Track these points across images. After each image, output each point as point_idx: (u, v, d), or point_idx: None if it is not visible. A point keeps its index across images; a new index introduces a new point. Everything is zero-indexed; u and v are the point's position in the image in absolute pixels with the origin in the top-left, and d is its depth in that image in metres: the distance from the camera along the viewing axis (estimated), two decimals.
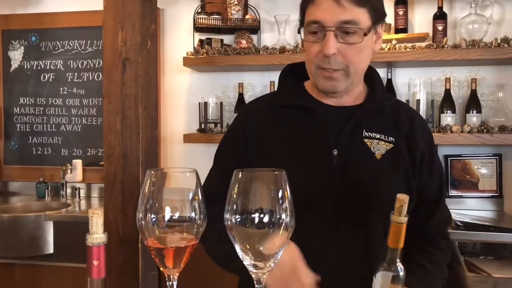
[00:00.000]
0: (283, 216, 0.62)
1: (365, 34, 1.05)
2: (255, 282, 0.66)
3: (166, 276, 0.66)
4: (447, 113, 2.55)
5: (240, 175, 0.63)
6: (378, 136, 1.11)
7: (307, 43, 1.09)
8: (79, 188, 3.00)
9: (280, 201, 0.62)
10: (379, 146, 1.10)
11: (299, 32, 1.14)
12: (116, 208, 2.06)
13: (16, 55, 3.22)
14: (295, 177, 1.04)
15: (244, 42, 2.76)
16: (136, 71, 2.02)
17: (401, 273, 0.90)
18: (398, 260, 0.90)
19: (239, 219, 0.62)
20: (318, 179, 1.06)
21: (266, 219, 0.61)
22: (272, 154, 1.11)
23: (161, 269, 0.65)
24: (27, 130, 3.22)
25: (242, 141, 1.16)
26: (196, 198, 0.66)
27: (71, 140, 3.16)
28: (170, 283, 0.66)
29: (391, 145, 1.11)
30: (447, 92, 2.58)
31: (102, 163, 2.11)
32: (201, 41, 2.83)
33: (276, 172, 0.63)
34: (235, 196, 0.63)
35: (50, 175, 3.11)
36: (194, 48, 2.78)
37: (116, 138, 2.07)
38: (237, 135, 1.18)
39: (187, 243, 0.65)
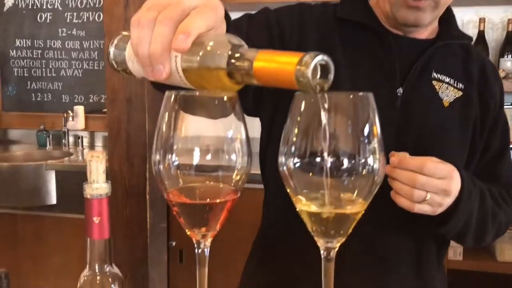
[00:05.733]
0: (370, 160, 0.42)
1: None
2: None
3: (194, 241, 0.47)
4: None
5: (304, 99, 0.44)
6: (447, 80, 0.92)
7: None
8: (82, 137, 2.84)
9: (366, 140, 0.43)
10: (448, 92, 0.91)
11: None
12: (121, 157, 1.92)
13: None
14: None
15: None
16: (141, 5, 1.81)
17: None
18: None
19: (298, 164, 0.42)
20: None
21: (345, 163, 0.42)
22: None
23: (188, 232, 0.47)
24: (25, 75, 3.02)
25: (287, 35, 0.91)
26: (238, 137, 0.46)
27: (72, 86, 2.96)
28: (200, 250, 0.47)
29: (460, 93, 0.92)
30: (481, 34, 2.36)
31: (105, 110, 1.95)
32: None
33: (361, 93, 0.43)
34: (296, 131, 0.43)
35: (51, 123, 2.94)
36: None
37: (119, 80, 1.89)
38: (284, 26, 0.92)
39: (224, 197, 0.46)
